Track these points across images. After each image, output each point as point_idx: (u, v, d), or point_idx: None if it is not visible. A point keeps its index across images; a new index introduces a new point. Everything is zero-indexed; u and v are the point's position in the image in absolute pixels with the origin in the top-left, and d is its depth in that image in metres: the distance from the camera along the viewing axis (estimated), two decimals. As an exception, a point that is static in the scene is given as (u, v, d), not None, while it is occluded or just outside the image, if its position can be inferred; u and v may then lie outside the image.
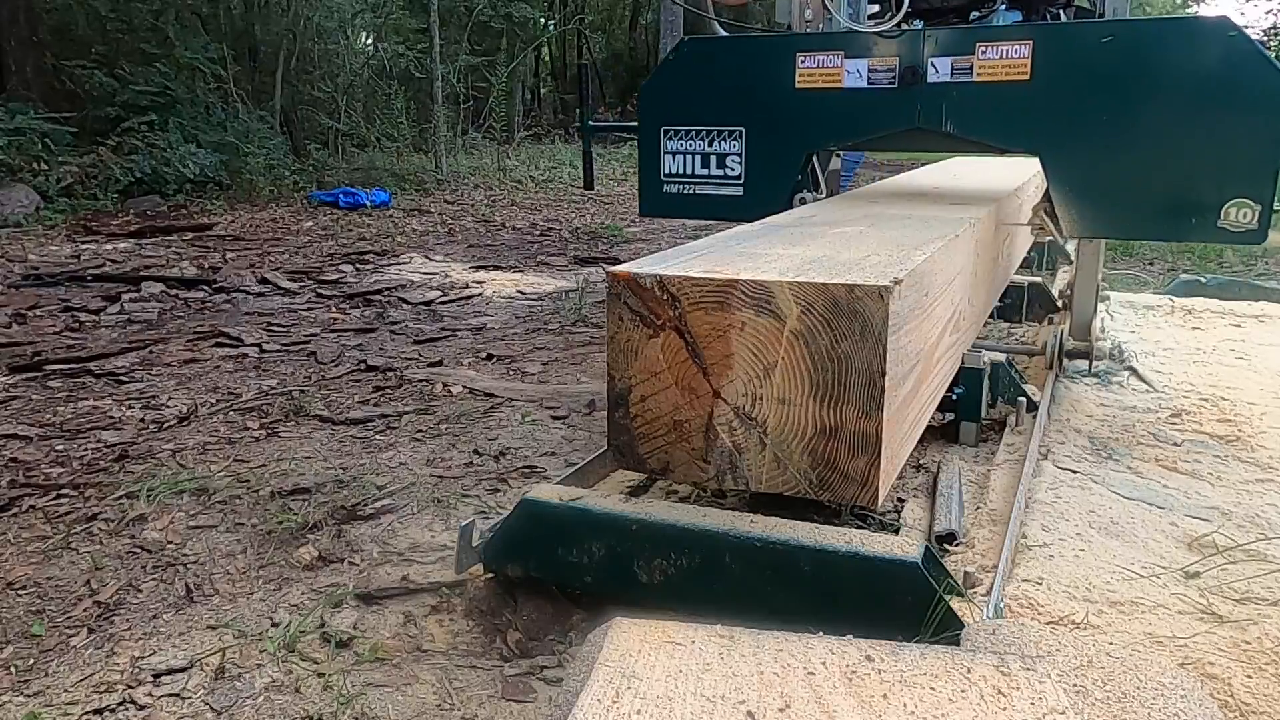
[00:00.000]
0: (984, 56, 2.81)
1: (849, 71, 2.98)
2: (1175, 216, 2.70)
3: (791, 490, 1.85)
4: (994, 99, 2.81)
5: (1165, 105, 2.66)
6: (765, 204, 3.01)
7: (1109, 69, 2.68)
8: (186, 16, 11.64)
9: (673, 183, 3.28)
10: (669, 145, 3.25)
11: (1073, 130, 2.74)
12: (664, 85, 3.30)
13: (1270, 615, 2.00)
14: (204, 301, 5.72)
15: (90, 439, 3.29)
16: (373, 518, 2.61)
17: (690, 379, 1.88)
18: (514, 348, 4.55)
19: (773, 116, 3.09)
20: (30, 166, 9.05)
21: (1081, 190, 2.79)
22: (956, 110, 2.86)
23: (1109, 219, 2.80)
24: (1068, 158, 2.78)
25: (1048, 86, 2.75)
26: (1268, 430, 3.11)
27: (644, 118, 3.29)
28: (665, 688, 1.16)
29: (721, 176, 3.20)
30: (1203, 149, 2.64)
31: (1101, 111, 2.70)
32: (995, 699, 1.15)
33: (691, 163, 3.24)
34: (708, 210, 3.25)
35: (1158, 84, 2.65)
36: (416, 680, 1.87)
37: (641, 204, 3.40)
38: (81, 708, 1.80)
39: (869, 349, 1.71)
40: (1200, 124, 2.63)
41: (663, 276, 1.86)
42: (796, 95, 3.05)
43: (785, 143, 3.09)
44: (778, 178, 3.13)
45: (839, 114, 3.02)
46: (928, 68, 2.87)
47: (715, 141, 3.19)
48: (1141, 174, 2.72)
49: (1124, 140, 2.71)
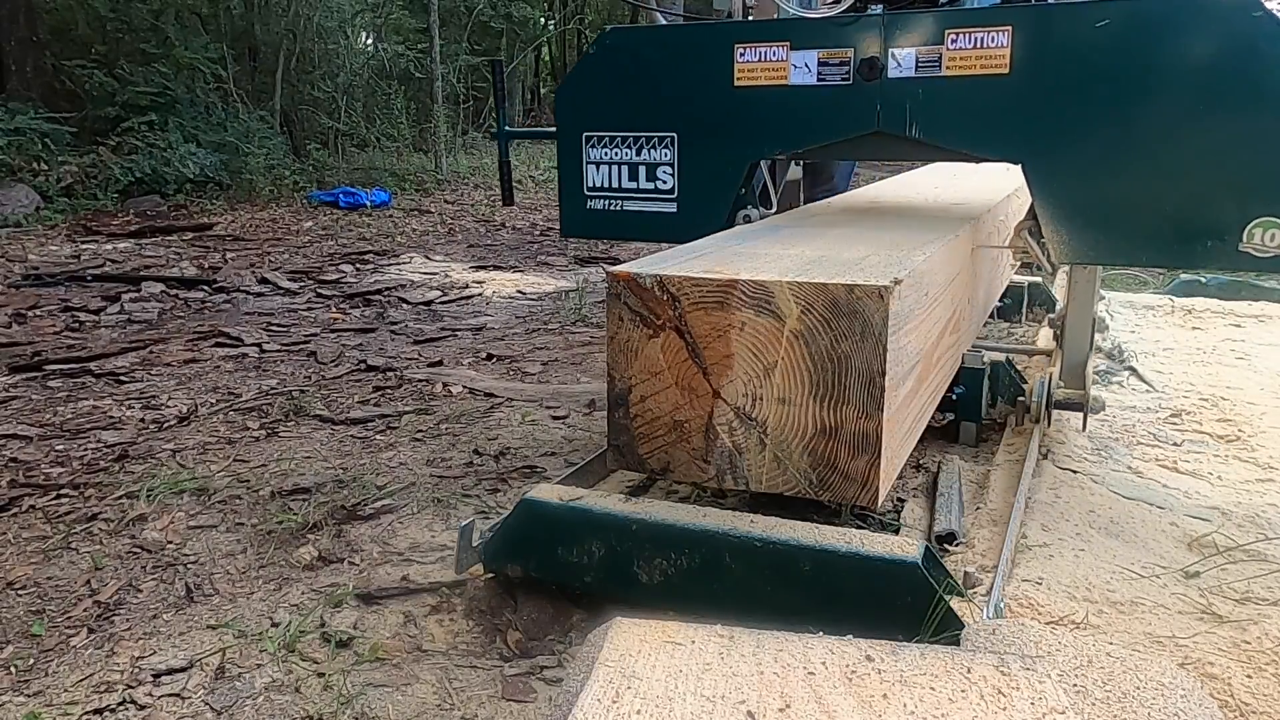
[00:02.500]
0: (955, 46, 2.32)
1: (796, 66, 2.50)
2: (1187, 239, 2.21)
3: (791, 490, 1.85)
4: (967, 97, 2.34)
5: (1175, 103, 2.17)
6: (702, 222, 2.61)
7: (1105, 59, 2.21)
8: (186, 16, 11.64)
9: (597, 197, 2.83)
10: (592, 154, 2.80)
11: (1062, 134, 2.26)
12: (585, 84, 2.82)
13: (1270, 615, 2.00)
14: (204, 301, 5.72)
15: (90, 439, 3.29)
16: (373, 518, 2.61)
17: (690, 379, 1.87)
18: (514, 348, 4.55)
19: (708, 120, 2.63)
20: (30, 166, 9.06)
21: (1073, 207, 2.29)
22: (923, 111, 2.38)
23: (1106, 242, 2.29)
24: (1056, 167, 2.29)
25: (1031, 81, 2.28)
26: (1268, 430, 3.11)
27: (562, 122, 2.84)
28: (665, 688, 1.16)
29: (652, 190, 2.75)
30: (1221, 157, 2.15)
31: (1097, 111, 2.23)
32: (995, 699, 1.15)
33: (618, 174, 2.78)
34: (637, 230, 2.82)
35: (1165, 76, 2.17)
36: (416, 680, 1.87)
37: (562, 223, 2.95)
38: (81, 708, 1.80)
39: (869, 349, 1.71)
40: (1218, 126, 2.13)
41: (663, 276, 1.86)
42: (735, 95, 2.58)
43: (723, 151, 2.63)
44: (716, 192, 2.68)
45: (785, 117, 2.54)
46: (888, 60, 2.40)
47: (644, 150, 2.73)
48: (1146, 187, 2.22)
49: (1124, 146, 2.23)
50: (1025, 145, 2.31)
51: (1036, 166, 2.32)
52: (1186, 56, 2.16)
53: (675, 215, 2.72)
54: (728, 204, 2.67)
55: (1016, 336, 4.43)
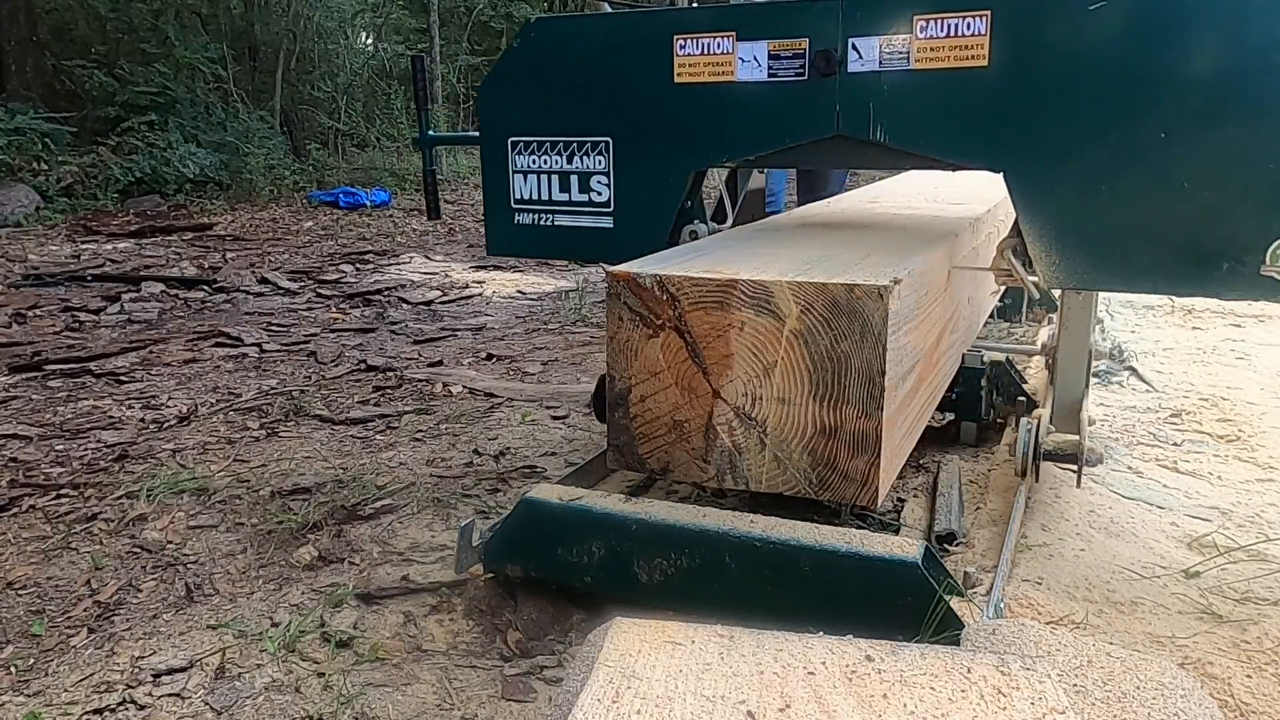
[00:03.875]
0: (925, 34, 1.98)
1: (743, 59, 2.17)
2: (1199, 261, 1.86)
3: (791, 490, 1.85)
4: (940, 94, 2.00)
5: (1184, 100, 1.81)
6: (641, 239, 2.32)
7: (1102, 48, 1.86)
8: (186, 16, 11.65)
9: (526, 211, 2.51)
10: (519, 162, 2.49)
11: (1051, 138, 1.92)
12: (509, 82, 2.48)
13: (1270, 615, 2.00)
14: (204, 301, 5.72)
15: (90, 439, 3.29)
16: (373, 518, 2.61)
17: (690, 379, 1.87)
18: (514, 348, 4.55)
19: (646, 123, 2.31)
20: (30, 166, 9.06)
21: (1064, 224, 1.95)
22: (888, 111, 2.05)
23: (1102, 265, 1.94)
24: (1044, 177, 1.94)
25: (1014, 76, 1.94)
26: (1268, 430, 3.11)
27: (486, 126, 2.53)
28: (665, 687, 1.16)
29: (586, 203, 2.43)
30: (1242, 164, 1.79)
31: (1093, 111, 1.87)
32: (995, 699, 1.15)
33: (547, 185, 2.47)
34: (571, 247, 2.52)
35: (1177, 70, 1.81)
36: (416, 680, 1.87)
37: (488, 241, 2.64)
38: (81, 708, 1.80)
39: (869, 348, 1.71)
40: (1239, 128, 1.78)
41: (662, 276, 1.86)
42: (676, 94, 2.25)
43: (663, 159, 2.32)
44: (656, 205, 2.35)
45: (732, 119, 2.22)
46: (848, 51, 2.06)
47: (576, 157, 2.42)
48: (1151, 201, 1.87)
49: (1125, 151, 1.87)
50: (1007, 151, 1.96)
51: (1021, 176, 1.97)
52: (1203, 46, 1.80)
53: (612, 231, 2.41)
54: (670, 218, 2.36)
55: (1016, 336, 4.43)
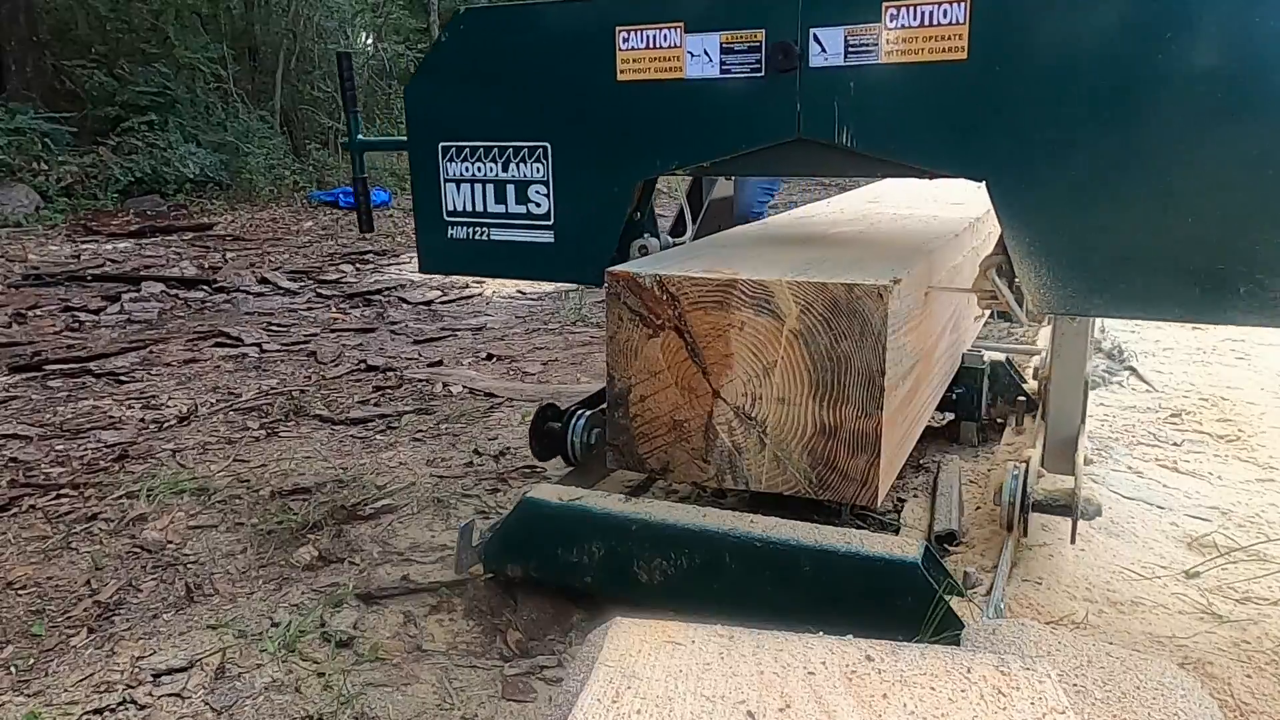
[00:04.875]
0: (895, 23, 1.74)
1: (693, 54, 1.94)
2: (1212, 283, 1.60)
3: (791, 490, 1.85)
4: (913, 92, 1.77)
5: (1194, 96, 1.56)
6: (584, 256, 2.15)
7: (1099, 37, 1.61)
8: (186, 16, 11.64)
9: (459, 224, 2.29)
10: (450, 169, 2.27)
11: (1040, 141, 1.68)
12: (439, 80, 2.26)
13: (1270, 615, 2.00)
14: (204, 301, 5.73)
15: (90, 439, 3.29)
16: (373, 518, 2.61)
17: (690, 379, 1.88)
18: (514, 347, 4.55)
19: (587, 126, 2.09)
20: (30, 166, 9.06)
21: (1055, 241, 1.70)
22: (856, 111, 1.81)
23: (1099, 286, 1.69)
24: (1032, 186, 1.70)
25: (998, 70, 1.69)
26: (1268, 430, 3.11)
27: (414, 130, 2.31)
28: (665, 687, 1.16)
29: (523, 216, 2.21)
30: (1258, 170, 1.54)
31: (1087, 109, 1.63)
32: (995, 699, 1.15)
33: (482, 195, 2.25)
34: (508, 265, 2.29)
35: (1181, 59, 1.56)
36: (416, 680, 1.87)
37: (420, 257, 2.41)
38: (81, 708, 1.80)
39: (868, 348, 1.71)
40: (1254, 127, 1.53)
41: (662, 276, 1.86)
42: (619, 93, 2.04)
43: (607, 166, 2.10)
44: (601, 217, 2.14)
45: (681, 121, 1.99)
46: (809, 43, 1.82)
47: (512, 164, 2.19)
48: (1154, 212, 1.62)
49: (1125, 156, 1.62)
50: (990, 156, 1.73)
51: (1005, 184, 1.73)
52: (1216, 35, 1.54)
53: (552, 246, 2.21)
54: (616, 232, 2.14)
55: (1016, 336, 4.43)
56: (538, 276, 2.33)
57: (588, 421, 2.38)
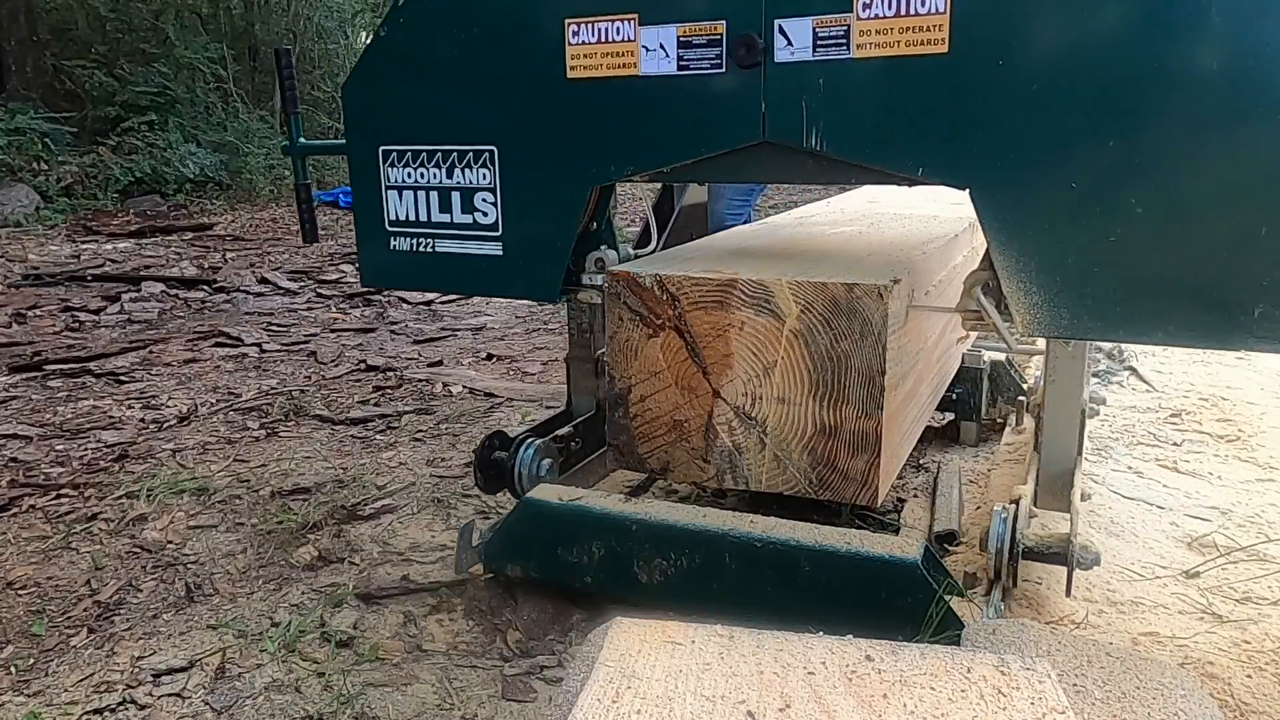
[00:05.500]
0: (869, 13, 1.57)
1: (648, 48, 1.76)
2: (1222, 305, 1.42)
3: (791, 490, 1.85)
4: (889, 89, 1.59)
5: (1203, 97, 1.38)
6: (535, 270, 2.00)
7: (1096, 29, 1.43)
8: (186, 16, 11.66)
9: (402, 235, 2.12)
10: (392, 175, 2.09)
11: (1030, 145, 1.50)
12: (378, 78, 2.08)
13: (1270, 615, 2.00)
14: (204, 301, 5.73)
15: (90, 439, 3.29)
16: (373, 518, 2.61)
17: (690, 378, 1.87)
18: (514, 348, 4.55)
19: (536, 128, 1.92)
20: (30, 166, 9.07)
21: (1047, 257, 1.52)
22: (826, 111, 1.64)
23: (1095, 308, 1.52)
24: (1021, 195, 1.52)
25: (983, 64, 1.51)
26: (1268, 430, 3.11)
27: (353, 132, 2.13)
28: (665, 687, 1.16)
29: (470, 225, 2.04)
30: (1273, 180, 1.37)
31: (1082, 109, 1.45)
32: (995, 699, 1.15)
33: (425, 203, 2.07)
34: (454, 279, 2.11)
35: (1189, 56, 1.38)
36: (416, 680, 1.87)
37: (362, 270, 2.24)
38: (81, 708, 1.80)
39: (868, 348, 1.71)
40: (1273, 134, 1.36)
41: (662, 276, 1.86)
42: (570, 92, 1.87)
43: (558, 171, 1.93)
44: (552, 228, 1.97)
45: (637, 122, 1.82)
46: (774, 35, 1.65)
47: (457, 169, 2.02)
48: (1157, 225, 1.45)
49: (1125, 163, 1.44)
50: (974, 161, 1.55)
51: (991, 193, 1.55)
52: (1228, 28, 1.36)
53: (501, 260, 2.03)
54: (568, 244, 1.97)
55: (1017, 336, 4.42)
56: (485, 292, 2.17)
57: (537, 451, 2.24)
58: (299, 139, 2.33)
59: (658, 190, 2.76)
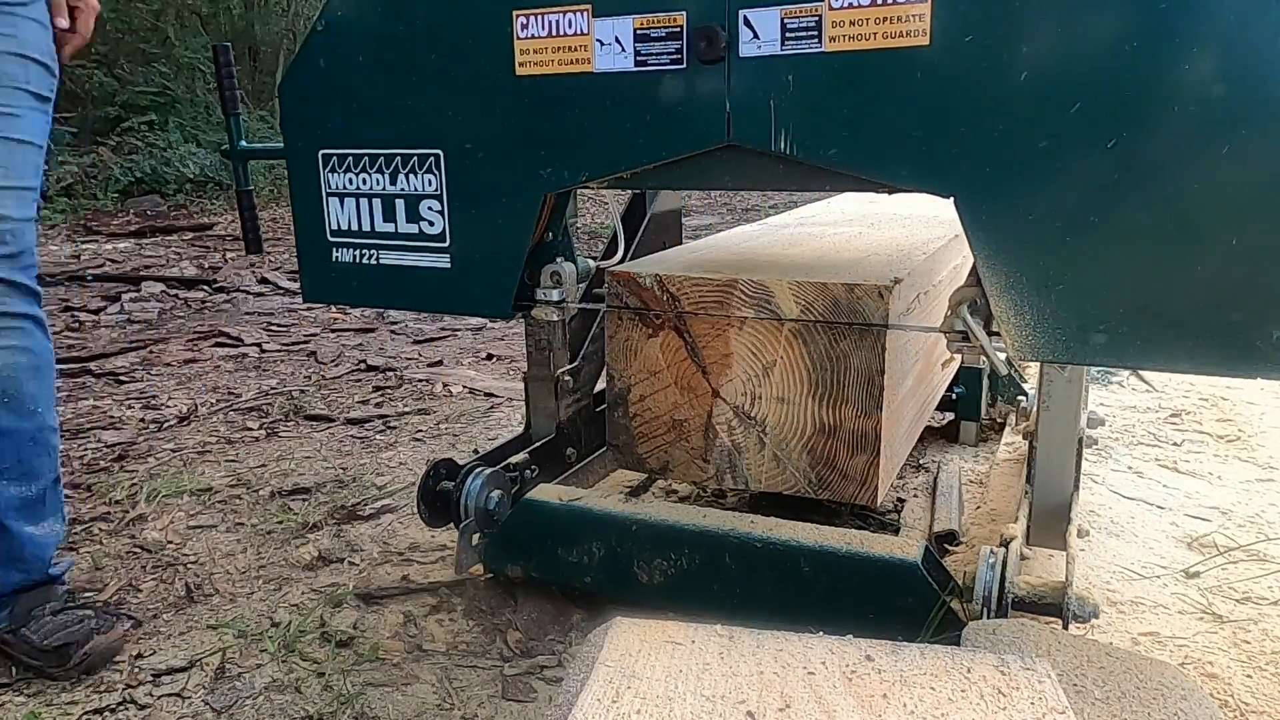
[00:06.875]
0: (842, 2, 1.42)
1: (603, 42, 1.61)
2: (1234, 328, 1.28)
3: (791, 489, 1.85)
4: (864, 87, 1.43)
5: (1212, 99, 1.23)
6: (486, 284, 1.85)
7: (1094, 20, 1.27)
8: (186, 16, 11.66)
9: (344, 246, 1.97)
10: (333, 181, 1.94)
11: (1019, 148, 1.34)
12: (317, 77, 1.91)
13: (1270, 615, 2.01)
14: (204, 301, 5.73)
15: (90, 439, 3.29)
16: (373, 518, 2.61)
17: (689, 378, 1.88)
18: (514, 348, 4.55)
19: (484, 130, 1.77)
20: (30, 166, 9.06)
21: (1038, 271, 1.37)
22: (796, 110, 1.48)
23: (1093, 330, 1.37)
24: (1010, 206, 1.36)
25: (969, 59, 1.35)
26: (1268, 430, 3.11)
27: (291, 135, 1.98)
28: (665, 687, 1.16)
29: (415, 236, 1.89)
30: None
31: (1078, 110, 1.30)
32: (995, 699, 1.15)
33: (368, 212, 1.92)
34: (402, 294, 1.95)
35: (1197, 52, 1.23)
36: (416, 680, 1.87)
37: (304, 284, 2.06)
38: (81, 708, 1.80)
39: (868, 348, 1.71)
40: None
41: (662, 276, 1.86)
42: (520, 90, 1.71)
43: (509, 177, 1.77)
44: (503, 238, 1.81)
45: (592, 123, 1.66)
46: (738, 27, 1.50)
47: (401, 175, 1.88)
48: (1161, 239, 1.29)
49: (1125, 169, 1.29)
50: (958, 166, 1.39)
51: (978, 202, 1.39)
52: (1239, 24, 1.20)
53: (449, 273, 1.88)
54: (520, 256, 1.81)
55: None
56: (433, 308, 2.00)
57: (486, 482, 2.05)
58: (240, 142, 2.18)
59: (627, 197, 2.58)
